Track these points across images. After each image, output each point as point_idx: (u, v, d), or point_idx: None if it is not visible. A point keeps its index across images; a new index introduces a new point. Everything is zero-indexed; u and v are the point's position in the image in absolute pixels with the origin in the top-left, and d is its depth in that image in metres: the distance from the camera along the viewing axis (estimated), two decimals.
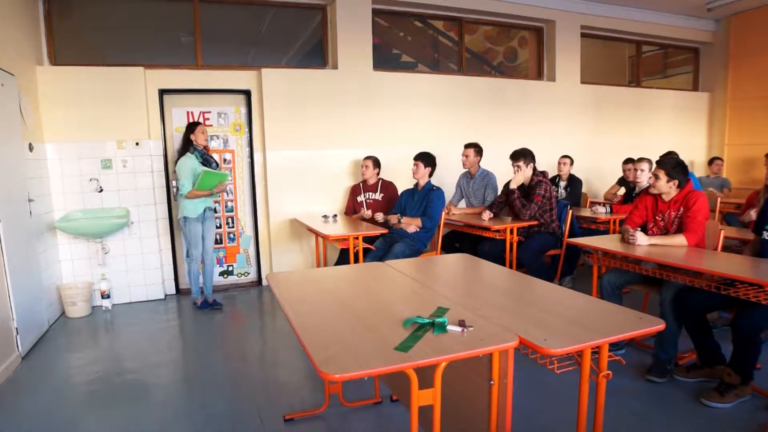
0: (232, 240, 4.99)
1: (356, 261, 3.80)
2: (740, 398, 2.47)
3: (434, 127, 5.48)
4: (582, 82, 6.28)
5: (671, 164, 3.01)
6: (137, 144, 4.42)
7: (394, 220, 4.20)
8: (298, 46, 5.44)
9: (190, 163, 3.95)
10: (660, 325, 1.59)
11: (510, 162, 4.26)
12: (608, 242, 3.14)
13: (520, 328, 1.56)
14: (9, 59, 3.51)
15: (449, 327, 1.53)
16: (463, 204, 5.00)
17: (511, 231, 3.98)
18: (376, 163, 4.75)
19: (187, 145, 4.04)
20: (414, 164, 4.33)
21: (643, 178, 4.51)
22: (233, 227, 4.98)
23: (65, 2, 4.39)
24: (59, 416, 2.52)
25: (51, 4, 4.30)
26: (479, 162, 4.77)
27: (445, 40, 5.93)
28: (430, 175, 4.33)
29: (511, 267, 3.95)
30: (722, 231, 3.07)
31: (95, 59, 4.43)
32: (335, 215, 4.55)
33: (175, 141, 4.57)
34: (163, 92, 4.54)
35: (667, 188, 3.01)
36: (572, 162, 5.41)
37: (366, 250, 3.99)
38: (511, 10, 5.74)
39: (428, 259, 2.97)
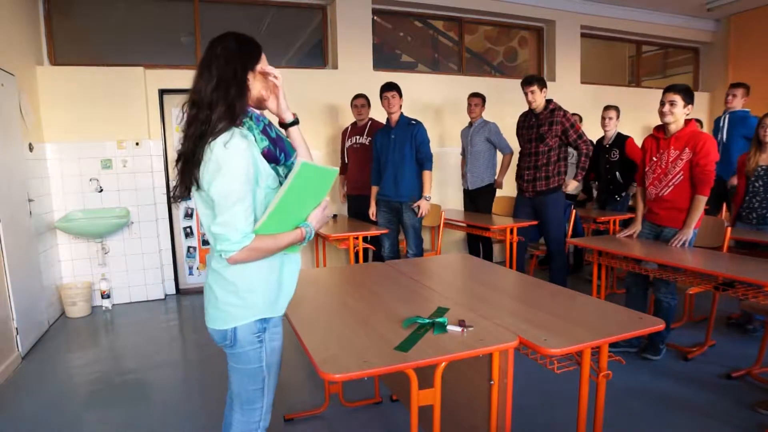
0: None
1: (356, 261, 3.80)
2: None
3: (434, 128, 5.48)
4: (582, 82, 6.28)
5: (683, 88, 2.66)
6: (137, 144, 4.42)
7: (425, 206, 3.74)
8: (298, 46, 5.44)
9: (247, 152, 1.33)
10: (660, 326, 1.59)
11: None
12: (608, 242, 3.14)
13: (520, 328, 1.56)
14: (9, 59, 3.51)
15: (449, 327, 1.53)
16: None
17: (511, 231, 3.98)
18: (371, 102, 4.27)
19: (231, 112, 1.34)
20: (384, 98, 3.67)
21: (611, 126, 4.71)
22: None
23: (65, 2, 4.39)
24: (59, 416, 2.52)
25: (51, 4, 4.30)
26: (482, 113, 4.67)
27: (445, 40, 5.93)
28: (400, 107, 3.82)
29: (514, 266, 3.94)
30: (729, 229, 3.03)
31: (95, 59, 4.42)
32: (335, 215, 4.55)
33: (175, 141, 4.57)
34: (163, 92, 4.54)
35: (683, 114, 2.66)
36: None
37: (368, 249, 3.99)
38: (511, 10, 5.74)
39: (428, 259, 2.97)
